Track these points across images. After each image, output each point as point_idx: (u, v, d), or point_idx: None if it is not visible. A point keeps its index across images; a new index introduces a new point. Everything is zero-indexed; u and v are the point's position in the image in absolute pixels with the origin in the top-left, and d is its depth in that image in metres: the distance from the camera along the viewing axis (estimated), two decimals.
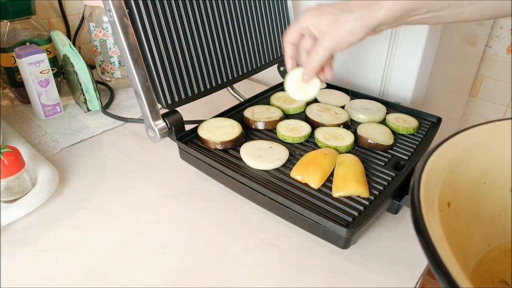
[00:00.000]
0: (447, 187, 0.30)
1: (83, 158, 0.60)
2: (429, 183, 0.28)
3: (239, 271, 0.41)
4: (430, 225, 0.24)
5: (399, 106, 0.63)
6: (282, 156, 0.49)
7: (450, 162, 0.31)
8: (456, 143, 0.32)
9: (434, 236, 0.23)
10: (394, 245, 0.45)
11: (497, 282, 0.32)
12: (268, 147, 0.51)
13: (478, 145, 0.34)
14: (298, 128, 0.55)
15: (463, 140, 0.33)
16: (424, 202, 0.26)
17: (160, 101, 0.51)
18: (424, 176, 0.28)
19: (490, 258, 0.34)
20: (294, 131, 0.54)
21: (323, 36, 0.44)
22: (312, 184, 0.45)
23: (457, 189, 0.31)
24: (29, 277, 0.40)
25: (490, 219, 0.35)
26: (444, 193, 0.29)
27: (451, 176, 0.31)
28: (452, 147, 0.32)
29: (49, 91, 0.68)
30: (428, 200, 0.27)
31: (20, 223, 0.47)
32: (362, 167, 0.47)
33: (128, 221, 0.48)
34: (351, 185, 0.43)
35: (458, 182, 0.32)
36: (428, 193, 0.27)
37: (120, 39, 0.46)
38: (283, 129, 0.55)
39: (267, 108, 0.61)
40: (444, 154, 0.31)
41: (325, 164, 0.47)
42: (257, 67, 0.65)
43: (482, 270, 0.33)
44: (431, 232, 0.24)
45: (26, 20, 0.71)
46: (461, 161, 0.32)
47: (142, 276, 0.41)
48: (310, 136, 0.55)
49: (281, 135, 0.54)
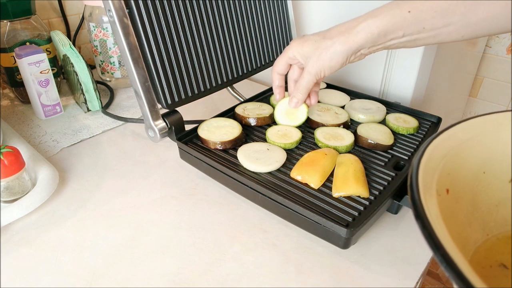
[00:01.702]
0: (446, 174, 0.30)
1: (83, 158, 0.60)
2: (428, 167, 0.29)
3: (239, 271, 0.41)
4: (427, 205, 0.25)
5: (399, 106, 0.63)
6: (280, 159, 0.49)
7: (450, 150, 0.32)
8: (456, 132, 0.33)
9: (431, 215, 0.24)
10: (394, 245, 0.45)
11: (495, 266, 0.33)
12: (265, 149, 0.50)
13: (478, 136, 0.34)
14: (288, 134, 0.54)
15: (463, 129, 0.33)
16: (422, 184, 0.26)
17: (160, 101, 0.51)
18: (424, 160, 0.29)
19: (488, 246, 0.34)
20: (285, 137, 0.54)
21: (308, 61, 0.47)
22: (312, 184, 0.45)
23: (456, 177, 0.32)
24: (29, 277, 0.40)
25: (488, 209, 0.35)
26: (443, 179, 0.30)
27: (451, 163, 0.31)
28: (453, 136, 0.32)
29: (49, 91, 0.68)
30: (426, 182, 0.27)
31: (20, 223, 0.47)
32: (362, 167, 0.47)
33: (128, 221, 0.48)
34: (351, 185, 0.43)
35: (457, 170, 0.32)
36: (427, 177, 0.28)
37: (120, 39, 0.46)
38: (273, 135, 0.54)
39: (259, 105, 0.62)
40: (445, 142, 0.32)
41: (325, 164, 0.47)
42: (257, 67, 0.65)
43: (480, 257, 0.33)
44: (427, 212, 0.24)
45: (26, 20, 0.71)
46: (461, 150, 0.33)
47: (142, 276, 0.41)
48: (300, 142, 0.54)
49: (272, 142, 0.53)
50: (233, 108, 0.61)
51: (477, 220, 0.34)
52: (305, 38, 0.48)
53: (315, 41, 0.46)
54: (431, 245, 0.22)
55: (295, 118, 0.56)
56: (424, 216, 0.24)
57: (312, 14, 0.80)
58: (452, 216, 0.25)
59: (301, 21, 0.82)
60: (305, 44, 0.47)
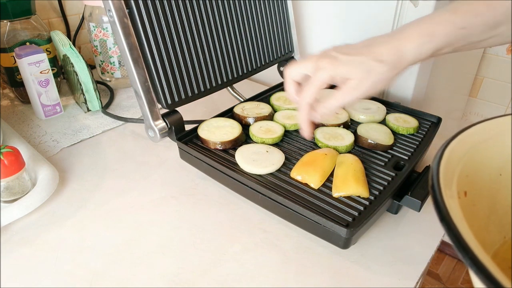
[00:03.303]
0: (464, 176, 0.30)
1: (83, 158, 0.60)
2: (448, 169, 0.28)
3: (239, 271, 0.41)
4: (450, 207, 0.24)
5: (399, 106, 0.63)
6: (276, 161, 0.48)
7: (467, 152, 0.32)
8: (473, 134, 0.33)
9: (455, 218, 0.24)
10: (394, 245, 0.45)
11: None
12: (264, 151, 0.50)
13: (494, 137, 0.34)
14: (271, 129, 0.55)
15: (479, 131, 0.33)
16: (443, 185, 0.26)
17: (160, 101, 0.51)
18: (443, 162, 0.29)
19: (505, 249, 0.34)
20: (268, 132, 0.54)
21: (350, 84, 0.41)
22: (312, 184, 0.45)
23: (474, 179, 0.32)
24: (29, 277, 0.40)
25: (505, 211, 0.35)
26: (462, 182, 0.30)
27: (468, 165, 0.31)
28: (469, 138, 0.32)
29: (49, 91, 0.68)
30: (447, 184, 0.27)
31: (20, 223, 0.47)
32: (362, 167, 0.47)
33: (128, 221, 0.48)
34: (351, 185, 0.43)
35: (474, 172, 0.32)
36: (447, 179, 0.28)
37: (120, 39, 0.46)
38: (257, 131, 0.54)
39: (257, 104, 0.62)
40: (461, 144, 0.31)
41: (325, 164, 0.47)
42: (257, 67, 0.65)
43: (499, 259, 0.33)
44: (451, 213, 0.24)
45: (26, 20, 0.71)
46: (477, 152, 0.32)
47: (142, 276, 0.41)
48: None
49: (257, 138, 0.53)
50: (233, 108, 0.61)
51: (494, 223, 0.34)
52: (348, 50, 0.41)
53: (362, 63, 0.40)
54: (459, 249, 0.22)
55: None
56: (449, 219, 0.23)
57: (312, 14, 0.80)
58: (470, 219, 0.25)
59: (301, 21, 0.82)
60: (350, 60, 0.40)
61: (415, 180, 0.47)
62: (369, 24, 0.72)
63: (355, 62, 0.40)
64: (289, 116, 0.58)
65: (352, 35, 0.76)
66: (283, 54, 0.71)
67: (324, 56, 0.42)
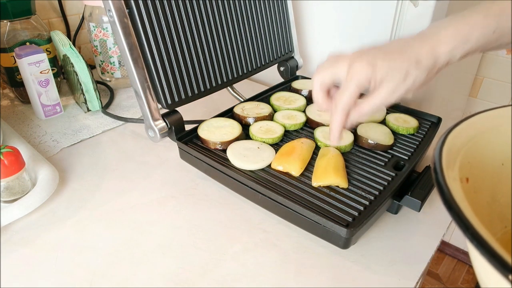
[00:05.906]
0: (466, 163, 0.30)
1: (83, 158, 0.60)
2: (451, 153, 0.29)
3: (239, 271, 0.41)
4: (452, 189, 0.25)
5: (399, 106, 0.63)
6: (266, 157, 0.49)
7: (470, 139, 0.32)
8: (475, 122, 0.33)
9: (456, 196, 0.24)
10: (394, 245, 0.45)
11: None
12: (255, 148, 0.51)
13: (498, 127, 0.34)
14: (271, 129, 0.55)
15: (482, 120, 0.33)
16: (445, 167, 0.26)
17: (160, 101, 0.51)
18: (446, 146, 0.29)
19: (506, 239, 0.34)
20: (268, 132, 0.54)
21: (382, 87, 0.40)
22: (293, 172, 0.47)
23: (475, 166, 0.32)
24: (29, 277, 0.40)
25: (507, 201, 0.35)
26: (464, 167, 0.30)
27: (471, 152, 0.31)
28: (472, 126, 0.32)
29: (49, 91, 0.68)
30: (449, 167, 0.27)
31: (20, 223, 0.47)
32: (343, 160, 0.49)
33: (128, 221, 0.48)
34: (330, 176, 0.45)
35: (477, 160, 0.32)
36: (449, 161, 0.28)
37: (120, 39, 0.46)
38: (257, 131, 0.54)
39: (257, 104, 0.62)
40: (465, 131, 0.32)
41: (303, 153, 0.49)
42: (257, 67, 0.65)
43: None
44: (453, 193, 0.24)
45: (26, 20, 0.71)
46: (480, 140, 0.33)
47: (142, 276, 0.41)
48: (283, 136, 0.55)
49: (257, 138, 0.53)
50: (233, 108, 0.61)
51: (495, 212, 0.34)
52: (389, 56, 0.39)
53: (402, 67, 0.38)
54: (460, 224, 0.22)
55: None
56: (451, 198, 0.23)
57: (312, 14, 0.80)
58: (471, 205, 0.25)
59: (301, 21, 0.82)
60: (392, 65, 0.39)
61: (415, 180, 0.47)
62: (369, 24, 0.72)
63: (394, 66, 0.39)
64: (289, 116, 0.58)
65: (352, 35, 0.76)
66: (283, 54, 0.71)
67: (359, 59, 0.40)
